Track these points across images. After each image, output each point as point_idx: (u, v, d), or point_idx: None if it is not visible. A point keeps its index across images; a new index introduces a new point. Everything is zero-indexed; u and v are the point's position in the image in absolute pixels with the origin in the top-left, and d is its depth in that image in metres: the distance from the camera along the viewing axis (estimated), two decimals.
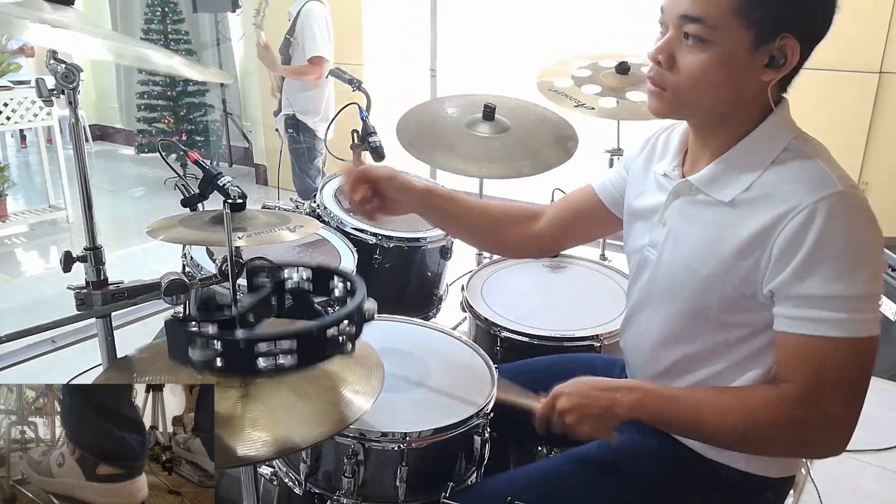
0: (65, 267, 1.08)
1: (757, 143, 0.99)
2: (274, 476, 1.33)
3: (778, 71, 0.95)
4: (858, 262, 0.90)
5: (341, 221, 1.86)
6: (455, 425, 1.18)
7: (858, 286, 0.89)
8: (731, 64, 0.94)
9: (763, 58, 0.94)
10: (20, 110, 4.50)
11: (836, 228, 0.90)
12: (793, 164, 0.96)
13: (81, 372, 2.01)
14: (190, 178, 1.64)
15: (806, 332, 0.92)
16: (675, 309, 1.08)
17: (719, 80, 0.95)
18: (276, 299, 1.02)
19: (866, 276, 0.90)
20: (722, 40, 0.93)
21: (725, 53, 0.93)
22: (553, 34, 4.34)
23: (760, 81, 0.96)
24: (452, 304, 2.01)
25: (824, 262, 0.90)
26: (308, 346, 0.83)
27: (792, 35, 0.92)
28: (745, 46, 0.93)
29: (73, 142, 1.07)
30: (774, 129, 0.99)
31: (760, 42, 0.93)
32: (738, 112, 1.00)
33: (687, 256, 1.04)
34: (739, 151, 1.00)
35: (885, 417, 1.79)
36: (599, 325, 1.64)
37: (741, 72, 0.95)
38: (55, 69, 1.02)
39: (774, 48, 0.93)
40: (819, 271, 0.90)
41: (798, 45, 0.93)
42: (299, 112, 3.67)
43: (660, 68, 0.99)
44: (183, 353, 0.81)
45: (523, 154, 1.97)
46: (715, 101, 0.98)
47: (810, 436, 0.95)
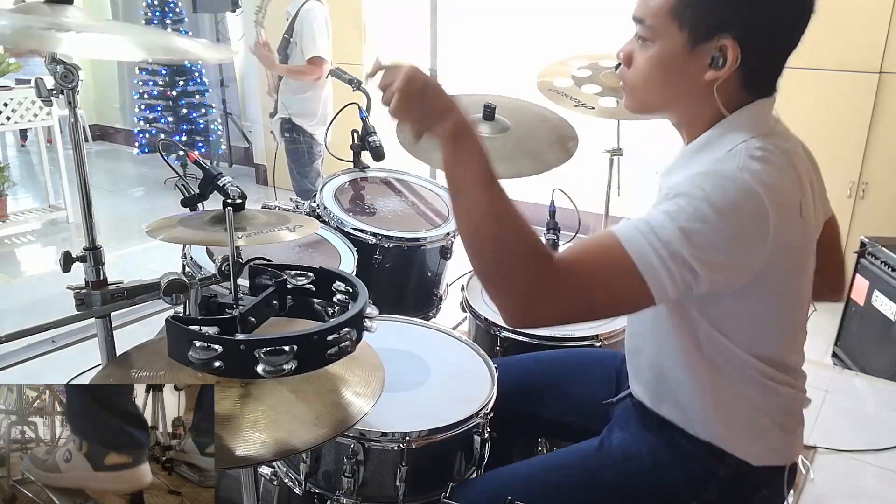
0: (64, 267, 1.08)
1: (706, 142, 1.01)
2: (274, 476, 1.33)
3: (719, 71, 0.96)
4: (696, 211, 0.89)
5: (341, 221, 1.85)
6: (455, 425, 1.18)
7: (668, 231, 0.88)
8: (670, 62, 0.99)
9: (703, 58, 0.97)
10: (20, 110, 4.50)
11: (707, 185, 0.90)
12: (720, 158, 0.96)
13: (81, 372, 2.00)
14: (190, 178, 1.64)
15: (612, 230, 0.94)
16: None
17: (661, 77, 1.01)
18: (277, 300, 1.02)
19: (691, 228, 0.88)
20: (661, 40, 0.99)
21: (664, 52, 0.99)
22: (553, 34, 4.34)
23: (705, 81, 0.98)
24: (452, 304, 2.01)
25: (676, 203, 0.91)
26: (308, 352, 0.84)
27: (730, 35, 0.94)
28: (682, 46, 0.97)
29: (73, 142, 1.07)
30: (725, 131, 1.00)
31: (696, 42, 0.96)
32: (697, 111, 1.02)
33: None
34: (691, 148, 1.03)
35: (885, 417, 1.79)
36: (599, 324, 1.64)
37: (681, 70, 0.99)
38: (54, 69, 1.02)
39: (713, 48, 0.96)
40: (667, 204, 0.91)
41: (737, 46, 0.94)
42: (295, 115, 3.62)
43: (623, 66, 1.06)
44: (182, 354, 0.82)
45: (523, 154, 1.97)
46: (663, 97, 1.03)
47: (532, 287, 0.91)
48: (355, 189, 2.09)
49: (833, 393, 1.95)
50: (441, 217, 2.03)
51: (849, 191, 3.36)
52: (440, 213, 2.05)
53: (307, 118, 3.64)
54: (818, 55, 3.29)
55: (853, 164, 3.35)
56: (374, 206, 2.03)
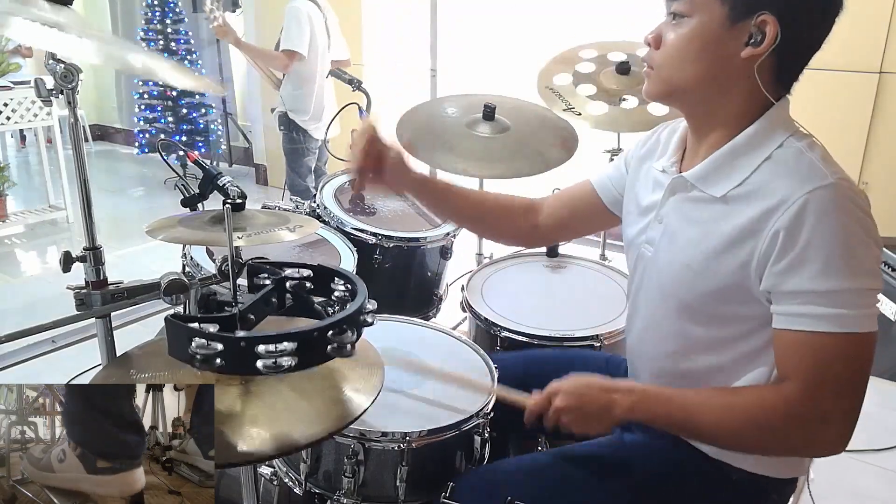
0: (64, 267, 1.08)
1: (752, 140, 0.99)
2: (274, 476, 1.33)
3: (757, 48, 0.95)
4: (853, 256, 0.89)
5: (341, 221, 1.85)
6: (455, 425, 1.18)
7: (854, 280, 0.89)
8: (706, 37, 0.96)
9: (742, 35, 0.95)
10: (20, 110, 4.50)
11: (829, 221, 0.89)
12: (786, 160, 0.96)
13: (81, 372, 2.00)
14: (190, 178, 1.64)
15: (803, 328, 0.92)
16: (673, 305, 1.08)
17: (695, 52, 0.98)
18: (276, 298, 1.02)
19: (861, 270, 0.90)
20: (699, 14, 0.96)
21: (702, 26, 0.96)
22: (553, 34, 4.34)
23: (741, 60, 0.96)
24: (452, 304, 2.01)
25: (818, 257, 0.89)
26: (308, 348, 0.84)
27: (769, 12, 0.93)
28: (721, 21, 0.95)
29: (73, 142, 1.07)
30: (771, 127, 0.99)
31: (737, 17, 0.94)
32: (725, 98, 1.00)
33: (682, 253, 1.05)
34: (734, 147, 1.01)
35: (885, 417, 1.79)
36: (599, 325, 1.64)
37: (718, 46, 0.96)
38: (54, 69, 1.02)
39: (752, 25, 0.94)
40: (813, 265, 0.90)
41: (776, 22, 0.93)
42: (290, 110, 3.69)
43: (651, 50, 1.04)
44: (183, 351, 0.82)
45: (523, 154, 1.97)
46: (696, 75, 0.99)
47: (810, 433, 0.94)
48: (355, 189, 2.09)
49: None
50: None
51: None
52: None
53: (300, 114, 3.69)
54: (818, 55, 3.28)
55: (853, 164, 3.35)
56: (374, 206, 2.03)
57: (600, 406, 1.02)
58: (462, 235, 2.01)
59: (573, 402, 1.03)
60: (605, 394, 1.03)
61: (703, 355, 1.07)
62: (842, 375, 0.92)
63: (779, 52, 0.95)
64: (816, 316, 0.91)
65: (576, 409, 1.03)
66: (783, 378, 0.95)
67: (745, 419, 0.96)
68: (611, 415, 1.02)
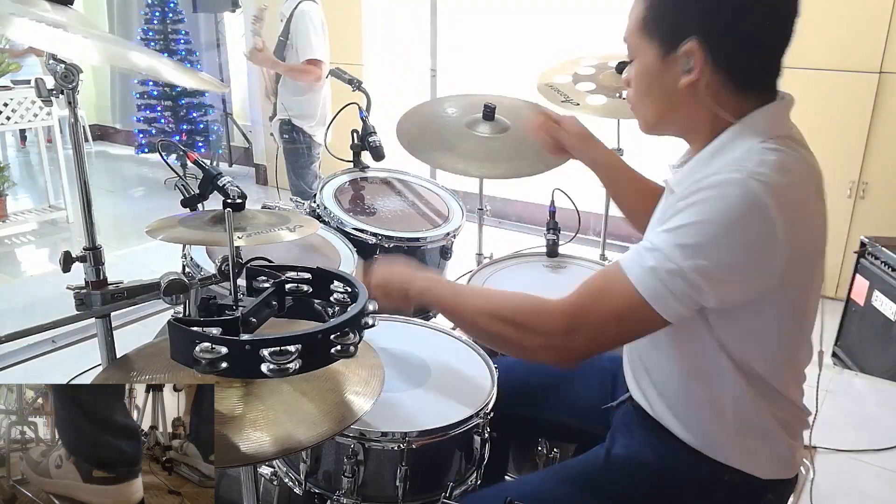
0: (64, 267, 1.08)
1: (719, 145, 1.01)
2: (274, 476, 1.33)
3: (691, 75, 0.98)
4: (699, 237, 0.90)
5: (341, 221, 1.85)
6: (455, 425, 1.18)
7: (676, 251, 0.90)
8: (649, 75, 1.04)
9: (675, 66, 0.99)
10: (20, 110, 4.50)
11: (710, 202, 0.90)
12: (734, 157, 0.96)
13: (81, 372, 2.01)
14: (190, 178, 1.64)
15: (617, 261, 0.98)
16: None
17: (646, 89, 1.06)
18: (276, 300, 1.02)
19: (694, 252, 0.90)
20: (639, 56, 1.05)
21: (644, 66, 1.04)
22: (553, 34, 4.34)
23: (684, 88, 1.00)
24: None
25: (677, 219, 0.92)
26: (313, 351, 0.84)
27: (694, 39, 0.96)
28: (656, 58, 1.01)
29: (73, 142, 1.07)
30: (736, 136, 0.99)
31: (666, 51, 1.00)
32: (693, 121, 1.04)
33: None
34: (705, 153, 1.03)
35: (885, 417, 1.79)
36: None
37: (661, 81, 1.03)
38: (54, 69, 1.02)
39: (681, 54, 0.98)
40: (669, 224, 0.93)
41: (701, 48, 0.96)
42: (295, 117, 3.63)
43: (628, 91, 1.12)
44: (187, 355, 0.82)
45: (523, 154, 1.97)
46: (655, 111, 1.07)
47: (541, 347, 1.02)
48: (355, 189, 2.09)
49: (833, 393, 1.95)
50: (441, 217, 2.03)
51: (849, 191, 3.36)
52: (440, 213, 2.05)
53: (307, 119, 3.65)
54: (818, 55, 3.29)
55: (853, 164, 3.35)
56: (374, 206, 2.03)
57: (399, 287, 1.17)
58: (462, 235, 2.01)
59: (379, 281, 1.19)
60: (406, 275, 1.17)
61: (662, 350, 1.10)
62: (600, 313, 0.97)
63: (724, 69, 0.97)
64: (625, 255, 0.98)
65: (381, 287, 1.18)
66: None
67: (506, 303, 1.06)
68: (407, 294, 1.16)
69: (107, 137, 7.76)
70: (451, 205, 2.10)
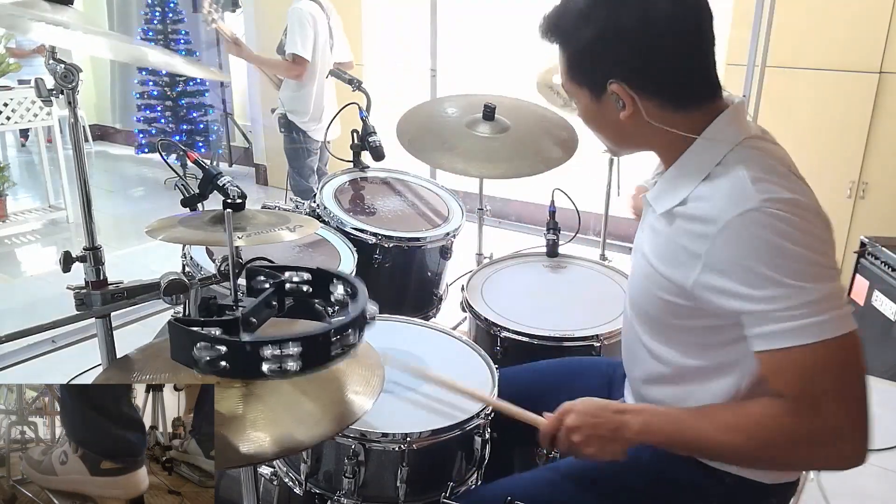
0: (64, 267, 1.08)
1: (690, 160, 1.02)
2: (274, 476, 1.33)
3: (626, 110, 1.01)
4: (787, 271, 0.89)
5: (341, 221, 1.85)
6: (455, 426, 1.18)
7: (807, 291, 0.89)
8: (591, 115, 1.08)
9: (609, 104, 1.02)
10: (20, 110, 4.50)
11: (753, 245, 0.90)
12: (721, 179, 0.97)
13: (81, 372, 2.00)
14: (190, 178, 1.64)
15: (768, 347, 0.92)
16: (642, 313, 1.12)
17: (595, 127, 1.11)
18: (276, 300, 1.02)
19: (811, 278, 0.89)
20: (576, 99, 1.09)
21: (584, 108, 1.08)
22: None
23: (628, 121, 1.02)
24: (452, 304, 2.01)
25: (764, 278, 0.89)
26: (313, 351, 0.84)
27: (616, 80, 0.99)
28: (589, 100, 1.05)
29: (73, 142, 1.07)
30: (706, 146, 1.01)
31: (596, 94, 1.03)
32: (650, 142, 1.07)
33: (643, 261, 1.09)
34: (676, 168, 1.04)
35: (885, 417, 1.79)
36: (599, 325, 1.64)
37: (602, 118, 1.06)
38: (54, 69, 1.02)
39: (610, 95, 1.01)
40: (764, 288, 0.90)
41: (624, 87, 0.99)
42: (289, 112, 3.69)
43: None
44: (187, 355, 0.81)
45: (523, 154, 1.97)
46: (613, 141, 1.12)
47: (820, 446, 0.93)
48: (355, 189, 2.09)
49: None
50: (441, 217, 2.03)
51: (849, 191, 3.36)
52: (440, 213, 2.05)
53: (299, 115, 3.69)
54: (818, 55, 3.29)
55: (853, 164, 3.35)
56: (374, 206, 2.03)
57: (611, 428, 1.03)
58: (462, 235, 2.01)
59: (584, 423, 1.04)
60: (617, 415, 1.03)
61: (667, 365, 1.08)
62: (835, 385, 0.91)
63: (655, 96, 1.00)
64: (784, 331, 0.90)
65: (588, 427, 1.04)
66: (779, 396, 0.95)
67: (751, 436, 0.95)
68: (622, 435, 1.02)
69: (107, 137, 7.75)
70: (450, 205, 2.10)
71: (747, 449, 0.96)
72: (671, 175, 1.04)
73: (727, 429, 0.97)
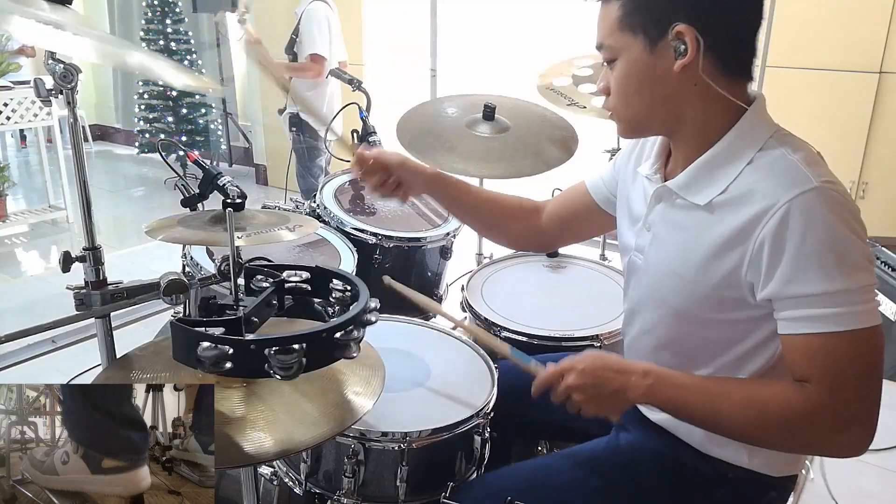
0: (64, 267, 1.08)
1: (732, 145, 0.99)
2: (274, 476, 1.33)
3: (685, 57, 0.95)
4: (844, 257, 0.89)
5: (341, 221, 1.85)
6: (455, 425, 1.18)
7: (849, 280, 0.89)
8: (638, 70, 1.00)
9: (667, 52, 0.97)
10: (20, 110, 4.50)
11: (815, 226, 0.89)
12: (768, 164, 0.96)
13: (81, 372, 2.00)
14: (190, 178, 1.64)
15: (808, 330, 0.91)
16: (665, 312, 1.09)
17: (635, 86, 1.01)
18: (276, 300, 1.02)
19: (854, 268, 0.89)
20: (623, 53, 1.00)
21: (630, 63, 1.00)
22: (553, 34, 4.34)
23: (679, 74, 0.97)
24: (452, 304, 2.01)
25: (810, 262, 0.90)
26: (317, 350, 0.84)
27: (682, 21, 0.94)
28: (643, 50, 0.98)
29: (73, 142, 1.07)
30: (749, 130, 0.99)
31: (654, 41, 0.97)
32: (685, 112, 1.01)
33: (670, 260, 1.06)
34: (714, 154, 1.01)
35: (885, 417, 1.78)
36: (599, 324, 1.64)
37: (652, 73, 0.99)
38: (53, 69, 1.02)
39: (671, 41, 0.95)
40: (807, 271, 0.90)
41: (690, 28, 0.94)
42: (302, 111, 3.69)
43: (606, 99, 1.07)
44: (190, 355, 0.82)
45: (523, 154, 1.97)
46: (645, 107, 1.03)
47: (833, 437, 0.94)
48: (355, 189, 2.09)
49: None
50: (441, 217, 2.03)
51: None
52: (440, 213, 2.05)
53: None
54: (818, 55, 3.29)
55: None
56: (374, 206, 2.03)
57: (614, 388, 1.00)
58: (462, 235, 2.01)
59: (588, 381, 1.00)
60: (621, 375, 1.00)
61: (697, 359, 1.07)
62: (859, 375, 0.91)
63: (714, 49, 0.95)
64: (817, 317, 0.90)
65: (590, 387, 1.00)
66: (801, 381, 0.94)
67: (766, 415, 0.95)
68: (625, 397, 1.00)
69: (107, 137, 7.75)
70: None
71: (758, 425, 0.96)
72: (706, 162, 1.01)
73: (739, 403, 0.97)
